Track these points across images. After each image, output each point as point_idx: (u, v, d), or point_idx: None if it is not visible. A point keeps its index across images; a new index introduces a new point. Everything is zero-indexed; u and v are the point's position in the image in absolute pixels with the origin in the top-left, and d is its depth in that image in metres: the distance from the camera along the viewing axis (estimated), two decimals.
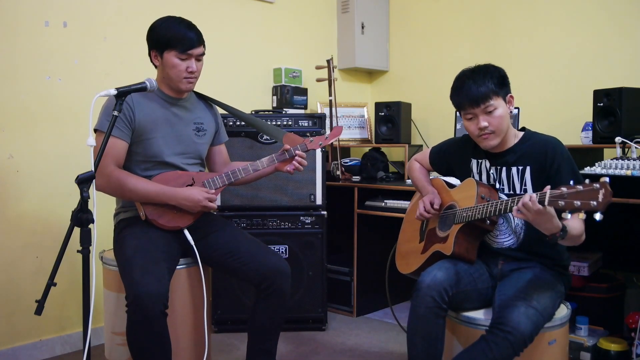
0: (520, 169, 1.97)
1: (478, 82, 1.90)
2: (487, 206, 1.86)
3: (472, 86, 1.91)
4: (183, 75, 2.14)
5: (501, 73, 1.96)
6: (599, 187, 1.50)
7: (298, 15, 3.86)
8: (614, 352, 2.50)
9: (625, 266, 2.89)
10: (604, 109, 2.63)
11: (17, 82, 2.66)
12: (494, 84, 1.91)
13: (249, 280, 2.20)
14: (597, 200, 1.49)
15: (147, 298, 1.85)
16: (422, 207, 2.14)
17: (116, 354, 2.24)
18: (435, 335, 1.86)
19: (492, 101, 1.90)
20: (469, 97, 1.91)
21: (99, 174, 1.94)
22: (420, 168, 2.33)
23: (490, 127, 1.91)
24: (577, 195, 1.53)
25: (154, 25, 2.16)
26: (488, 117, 1.91)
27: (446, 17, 3.83)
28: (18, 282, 2.69)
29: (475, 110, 1.91)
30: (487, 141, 1.95)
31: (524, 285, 1.85)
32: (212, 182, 2.20)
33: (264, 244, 2.30)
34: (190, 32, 2.13)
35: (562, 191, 1.56)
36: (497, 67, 1.97)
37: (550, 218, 1.67)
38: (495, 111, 1.90)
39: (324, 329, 3.16)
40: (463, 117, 1.98)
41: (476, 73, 1.94)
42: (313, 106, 3.82)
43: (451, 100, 2.02)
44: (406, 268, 2.21)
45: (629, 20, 3.02)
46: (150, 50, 2.17)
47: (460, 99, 1.96)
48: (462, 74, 1.98)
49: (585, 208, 1.51)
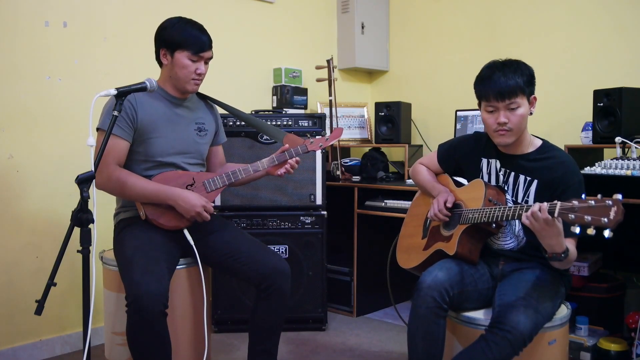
0: (528, 180, 1.94)
1: (508, 75, 1.85)
2: (494, 210, 1.82)
3: (501, 78, 1.85)
4: (191, 77, 2.16)
5: (531, 72, 1.90)
6: (612, 205, 1.46)
7: (298, 15, 3.85)
8: (614, 352, 2.50)
9: (625, 266, 2.89)
10: (604, 109, 2.63)
11: (17, 82, 2.66)
12: (523, 81, 1.86)
13: (249, 280, 2.20)
14: (609, 218, 1.45)
15: (147, 298, 1.85)
16: (436, 207, 2.04)
17: (116, 354, 2.24)
18: (435, 335, 1.85)
19: (518, 98, 1.85)
20: (495, 89, 1.85)
21: (100, 173, 1.94)
22: (427, 170, 2.25)
23: (509, 124, 1.87)
24: (588, 210, 1.49)
25: (166, 25, 2.17)
26: (509, 113, 1.86)
27: (446, 17, 3.83)
28: (18, 282, 2.69)
29: (499, 104, 1.87)
30: (502, 137, 1.90)
31: (524, 286, 1.84)
32: (212, 183, 2.20)
33: (263, 244, 2.30)
34: (203, 36, 2.16)
35: (574, 204, 1.53)
36: (527, 65, 1.92)
37: (557, 234, 1.64)
38: (518, 109, 1.86)
39: (324, 329, 3.16)
40: (483, 109, 1.93)
41: (507, 66, 1.88)
42: (313, 106, 3.82)
43: (475, 88, 1.95)
44: (406, 263, 2.19)
45: (629, 20, 3.02)
46: (160, 48, 2.17)
47: (486, 90, 1.89)
48: (493, 64, 1.92)
49: (596, 224, 1.47)
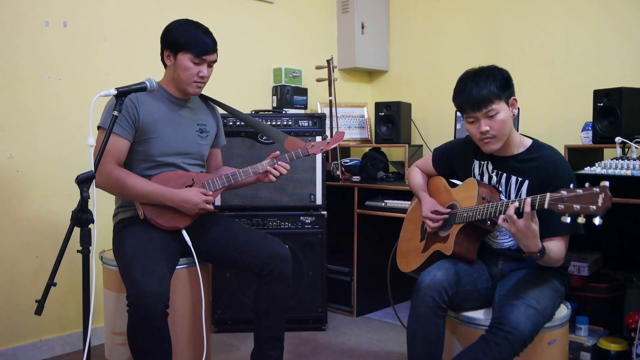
0: (520, 180, 1.95)
1: (480, 84, 1.86)
2: (487, 207, 1.85)
3: (474, 89, 1.86)
4: (193, 79, 2.16)
5: (504, 75, 1.91)
6: (599, 192, 1.49)
7: (298, 15, 3.85)
8: (614, 352, 2.50)
9: (625, 266, 2.89)
10: (604, 109, 2.63)
11: (17, 82, 2.66)
12: (497, 87, 1.86)
13: (250, 268, 2.21)
14: (597, 205, 1.49)
15: (148, 297, 1.85)
16: (429, 222, 2.07)
17: (116, 354, 2.24)
18: (435, 335, 1.85)
19: (494, 105, 1.86)
20: (470, 100, 1.88)
21: (99, 172, 1.94)
22: (421, 175, 2.30)
23: (491, 131, 1.89)
24: (576, 199, 1.53)
25: (171, 26, 2.17)
26: (490, 121, 1.88)
27: (446, 17, 3.83)
28: (18, 282, 2.69)
29: (477, 114, 1.88)
30: (488, 145, 1.93)
31: (524, 285, 1.85)
32: (212, 184, 2.20)
33: (261, 232, 2.31)
34: (207, 39, 2.16)
35: (562, 194, 1.56)
36: (501, 69, 1.92)
37: (533, 235, 1.67)
38: (497, 115, 1.87)
39: (324, 329, 3.16)
40: (465, 120, 1.95)
41: (479, 75, 1.89)
42: (313, 106, 3.82)
43: (453, 102, 1.98)
44: (406, 266, 2.21)
45: (629, 20, 3.02)
46: (164, 49, 2.18)
47: (461, 102, 1.92)
48: (465, 76, 1.94)
49: (585, 212, 1.51)
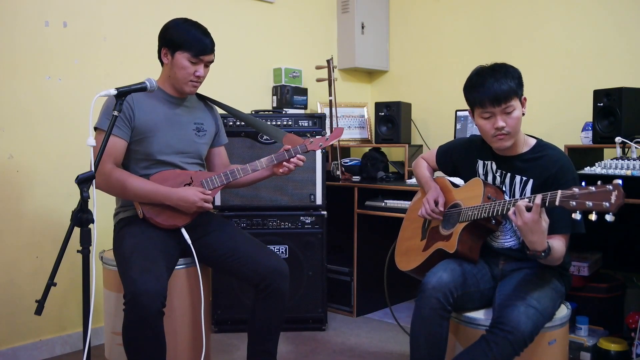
0: (524, 180, 1.95)
1: (500, 80, 1.85)
2: (494, 205, 1.83)
3: (495, 84, 1.84)
4: (189, 79, 2.16)
5: (519, 74, 1.91)
6: (612, 189, 1.50)
7: (298, 15, 3.85)
8: (614, 352, 2.50)
9: (625, 266, 2.89)
10: (604, 109, 2.62)
11: (17, 82, 2.66)
12: (515, 84, 1.86)
13: (248, 280, 2.20)
14: (610, 202, 1.49)
15: (145, 296, 1.85)
16: (427, 206, 2.09)
17: (116, 354, 2.24)
18: (439, 337, 1.85)
19: (513, 102, 1.85)
20: (490, 95, 1.85)
21: (98, 173, 1.94)
22: (427, 166, 2.31)
23: (507, 127, 1.87)
24: (589, 196, 1.52)
25: (170, 24, 2.17)
26: (506, 117, 1.86)
27: (446, 17, 3.83)
28: (18, 282, 2.69)
29: (495, 109, 1.86)
30: (501, 142, 1.91)
31: (524, 285, 1.85)
32: (210, 182, 2.20)
33: (262, 243, 2.30)
34: (205, 39, 2.15)
35: (574, 192, 1.56)
36: (515, 67, 1.92)
37: (541, 232, 1.66)
38: (513, 112, 1.86)
39: (324, 329, 3.16)
40: (478, 116, 1.92)
41: (497, 71, 1.87)
42: (313, 106, 3.82)
43: (467, 96, 1.94)
44: (406, 265, 2.19)
45: (629, 20, 3.01)
46: (162, 47, 2.18)
47: (480, 96, 1.88)
48: (481, 70, 1.91)
49: (598, 209, 1.51)
